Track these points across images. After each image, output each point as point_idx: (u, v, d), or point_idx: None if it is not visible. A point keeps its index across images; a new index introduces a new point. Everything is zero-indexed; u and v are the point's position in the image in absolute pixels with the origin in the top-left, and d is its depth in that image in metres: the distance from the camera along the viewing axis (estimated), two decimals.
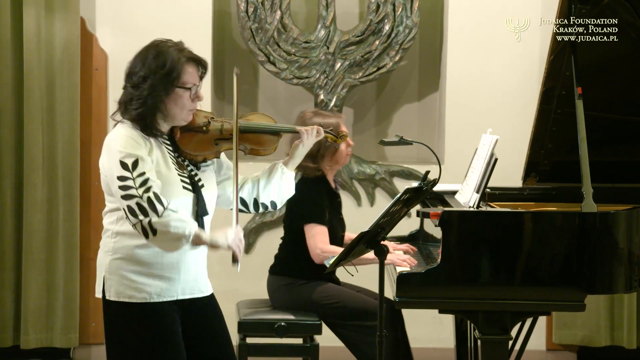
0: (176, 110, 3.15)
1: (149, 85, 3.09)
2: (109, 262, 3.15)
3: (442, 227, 3.59)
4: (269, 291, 4.49)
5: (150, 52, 3.13)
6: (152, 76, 3.10)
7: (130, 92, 3.13)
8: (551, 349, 5.76)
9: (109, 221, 3.18)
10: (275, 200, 3.40)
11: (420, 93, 6.03)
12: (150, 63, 3.11)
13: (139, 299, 3.12)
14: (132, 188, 3.02)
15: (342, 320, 4.36)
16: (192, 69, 3.16)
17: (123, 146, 3.07)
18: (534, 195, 4.45)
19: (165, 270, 3.15)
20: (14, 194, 5.47)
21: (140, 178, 3.04)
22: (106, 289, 3.15)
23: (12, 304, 5.50)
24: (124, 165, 3.04)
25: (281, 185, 3.37)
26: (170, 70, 3.11)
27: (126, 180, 3.03)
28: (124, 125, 3.15)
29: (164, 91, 3.11)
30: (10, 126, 5.44)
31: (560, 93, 4.15)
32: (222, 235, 3.12)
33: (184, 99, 3.14)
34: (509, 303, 3.59)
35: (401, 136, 3.77)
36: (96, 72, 5.63)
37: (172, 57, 3.12)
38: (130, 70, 3.16)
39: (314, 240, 4.29)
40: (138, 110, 3.10)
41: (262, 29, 5.68)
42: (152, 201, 3.03)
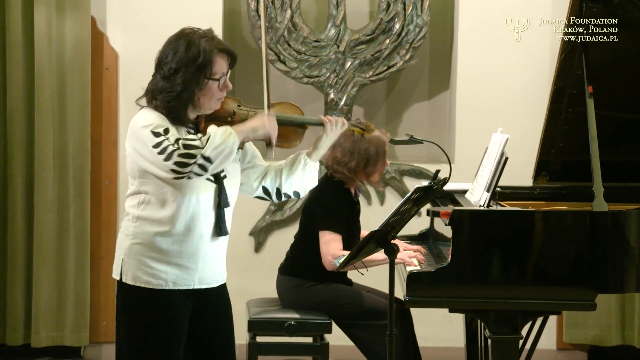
0: (205, 100, 3.15)
1: (182, 79, 3.10)
2: (128, 246, 3.17)
3: (452, 226, 3.59)
4: (279, 291, 4.49)
5: (181, 43, 3.12)
6: (184, 69, 3.10)
7: (161, 83, 3.13)
8: (562, 349, 5.75)
9: (131, 204, 3.20)
10: (299, 190, 3.37)
11: (431, 92, 6.03)
12: (182, 55, 3.10)
13: (155, 285, 3.15)
14: (169, 146, 3.02)
15: (352, 320, 4.35)
16: (222, 59, 3.16)
17: (150, 120, 3.08)
18: (545, 195, 4.44)
19: (184, 258, 3.17)
20: (25, 193, 5.49)
21: (173, 137, 3.04)
22: (123, 272, 3.18)
23: (23, 303, 5.52)
24: (155, 133, 3.05)
25: (304, 176, 3.34)
26: (202, 63, 3.10)
27: (162, 144, 3.03)
28: (148, 109, 3.16)
29: (197, 84, 3.11)
30: (21, 125, 5.46)
31: (571, 92, 4.14)
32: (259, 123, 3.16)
33: (213, 89, 3.14)
34: (520, 302, 3.58)
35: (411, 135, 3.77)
36: (107, 71, 5.64)
37: (203, 49, 3.11)
38: (160, 59, 3.15)
39: (327, 246, 4.28)
40: (170, 103, 3.11)
41: (272, 28, 5.68)
42: (188, 144, 3.02)
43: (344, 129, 3.36)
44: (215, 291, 3.29)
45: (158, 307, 3.16)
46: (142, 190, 3.15)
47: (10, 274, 5.50)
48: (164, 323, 3.17)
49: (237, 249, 5.72)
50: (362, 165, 4.31)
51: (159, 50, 3.17)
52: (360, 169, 4.31)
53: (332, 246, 4.26)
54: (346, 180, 4.34)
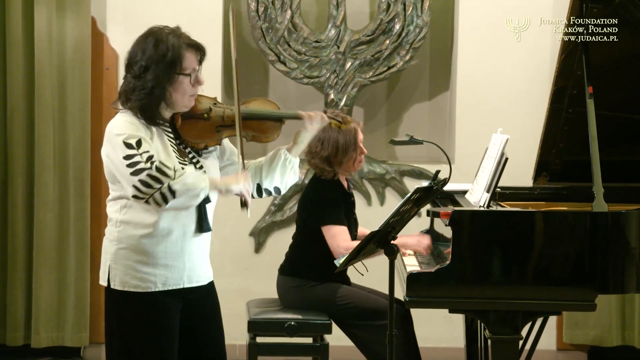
0: (177, 96, 3.15)
1: (153, 76, 3.10)
2: (114, 251, 3.17)
3: (452, 226, 3.59)
4: (279, 292, 4.49)
5: (149, 41, 3.14)
6: (154, 66, 3.11)
7: (132, 83, 3.13)
8: (562, 349, 5.75)
9: (113, 210, 3.21)
10: (279, 186, 3.37)
11: (431, 92, 6.03)
12: (150, 52, 3.11)
13: (144, 289, 3.15)
14: (140, 162, 3.04)
15: (353, 320, 4.35)
16: (191, 54, 3.16)
17: (122, 129, 3.10)
18: (545, 195, 4.44)
19: (170, 258, 3.17)
20: (25, 192, 5.49)
21: (145, 154, 3.05)
22: (111, 278, 3.17)
23: (23, 303, 5.52)
24: (128, 145, 3.06)
25: (285, 171, 3.35)
26: (172, 59, 3.11)
27: (133, 158, 3.05)
28: (124, 113, 3.17)
29: (168, 80, 3.11)
30: (21, 125, 5.46)
31: (571, 92, 4.14)
32: (233, 180, 3.14)
33: (185, 85, 3.15)
34: (520, 303, 3.58)
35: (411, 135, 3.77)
36: (107, 72, 5.64)
37: (171, 45, 3.12)
38: (129, 59, 3.16)
39: (335, 240, 4.28)
40: (142, 101, 3.12)
41: (272, 29, 5.68)
42: (161, 168, 3.04)
43: (323, 124, 3.37)
44: (203, 289, 3.28)
45: (148, 310, 3.16)
46: (123, 195, 3.16)
47: (11, 274, 5.50)
48: (156, 325, 3.17)
49: (237, 250, 5.73)
50: (332, 153, 4.32)
51: (128, 50, 3.19)
52: (331, 157, 4.33)
53: (340, 238, 4.27)
54: (322, 171, 4.35)
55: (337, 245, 4.27)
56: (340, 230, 4.29)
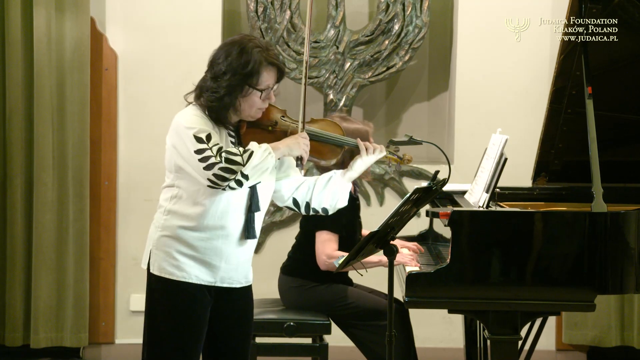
0: (245, 107, 3.22)
1: (227, 84, 3.17)
2: (157, 237, 3.26)
3: (451, 226, 3.59)
4: (280, 291, 4.49)
5: (235, 48, 3.20)
6: (232, 73, 3.17)
7: (209, 82, 3.20)
8: (561, 349, 5.75)
9: (164, 197, 3.28)
10: (327, 207, 3.44)
11: (430, 93, 6.03)
12: (232, 59, 3.18)
13: (179, 277, 3.23)
14: (212, 157, 3.10)
15: (354, 321, 4.35)
16: (271, 73, 3.22)
17: (193, 123, 3.16)
18: (544, 195, 4.44)
19: (208, 255, 3.24)
20: (25, 193, 5.49)
21: (215, 147, 3.12)
22: (151, 263, 3.27)
23: (22, 304, 5.52)
24: (198, 139, 3.12)
25: (335, 194, 3.42)
26: (249, 72, 3.17)
27: (204, 152, 3.11)
28: (193, 107, 3.24)
29: (240, 90, 3.18)
30: (20, 126, 5.46)
31: (570, 93, 4.14)
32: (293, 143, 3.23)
33: (254, 98, 3.21)
34: (519, 303, 3.58)
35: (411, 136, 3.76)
36: (106, 72, 5.64)
37: (254, 59, 3.18)
38: (213, 59, 3.23)
39: (322, 246, 4.29)
40: (212, 103, 3.19)
41: (271, 29, 5.68)
42: (230, 158, 3.10)
43: (380, 156, 3.45)
44: (238, 291, 3.36)
45: (180, 299, 3.24)
46: (175, 185, 3.24)
47: (10, 274, 5.50)
48: (186, 314, 3.24)
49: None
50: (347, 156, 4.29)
51: (215, 48, 3.25)
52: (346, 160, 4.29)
53: (327, 246, 4.27)
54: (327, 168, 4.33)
55: (322, 251, 4.27)
56: (330, 238, 4.29)
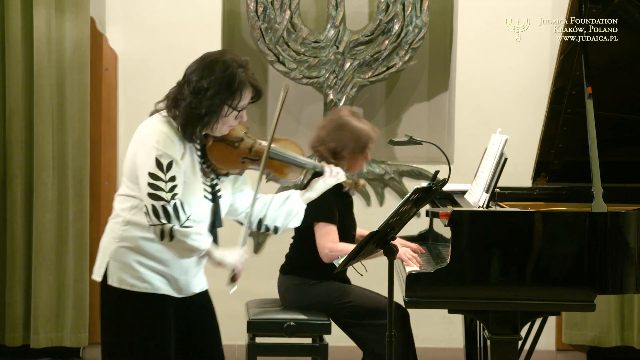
0: (219, 125, 3.18)
1: (209, 102, 3.11)
2: (114, 248, 3.18)
3: (451, 226, 3.59)
4: (280, 291, 4.49)
5: (219, 66, 3.14)
6: (215, 92, 3.12)
7: (188, 96, 3.13)
8: (561, 349, 5.75)
9: (122, 207, 3.21)
10: (279, 226, 3.44)
11: (430, 93, 6.03)
12: (217, 78, 3.12)
13: (140, 289, 3.17)
14: (162, 190, 3.06)
15: (353, 320, 4.35)
16: (249, 94, 3.20)
17: (161, 143, 3.09)
18: (544, 195, 4.44)
19: (169, 267, 3.20)
20: (24, 193, 5.49)
21: (170, 183, 3.07)
22: (108, 275, 3.19)
23: (22, 304, 5.52)
24: (159, 164, 3.07)
25: (290, 215, 3.42)
26: (233, 92, 3.13)
27: (158, 181, 3.06)
28: (162, 120, 3.16)
29: (220, 110, 3.14)
30: (20, 126, 5.45)
31: (570, 93, 4.14)
32: (230, 256, 3.20)
33: (230, 118, 3.18)
34: (519, 303, 3.58)
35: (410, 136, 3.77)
36: (106, 72, 5.64)
37: (239, 79, 3.14)
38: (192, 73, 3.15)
39: (323, 239, 4.29)
40: (187, 117, 3.12)
41: (271, 29, 5.68)
42: (178, 209, 3.08)
43: (339, 180, 3.48)
44: (197, 296, 3.31)
45: (144, 310, 3.18)
46: (137, 196, 3.16)
47: (10, 274, 5.50)
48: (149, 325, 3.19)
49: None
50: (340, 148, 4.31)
51: (194, 62, 3.18)
52: (337, 150, 4.31)
53: (327, 238, 4.27)
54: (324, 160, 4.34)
55: (323, 244, 4.27)
56: (330, 230, 4.29)
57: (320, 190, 3.46)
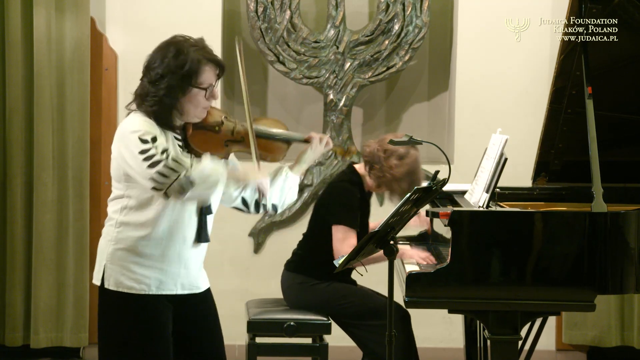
0: (190, 107, 3.17)
1: (167, 85, 3.12)
2: (111, 251, 3.18)
3: (451, 227, 3.59)
4: (283, 287, 4.49)
5: (170, 50, 3.15)
6: (170, 75, 3.12)
7: (147, 87, 3.15)
8: (561, 349, 5.75)
9: (114, 209, 3.21)
10: (277, 204, 3.40)
11: (430, 93, 6.03)
12: (169, 61, 3.12)
13: (138, 290, 3.16)
14: (156, 155, 3.04)
15: (354, 320, 4.35)
16: (210, 69, 3.17)
17: (139, 127, 3.10)
18: (544, 195, 4.44)
19: (166, 262, 3.17)
20: (24, 193, 5.49)
21: (161, 146, 3.06)
22: (105, 278, 3.19)
23: (22, 303, 5.52)
24: (143, 140, 3.07)
25: (284, 189, 3.38)
26: (188, 71, 3.12)
27: (148, 151, 3.05)
28: (138, 114, 3.18)
29: (181, 91, 3.13)
30: (20, 126, 5.46)
31: (570, 93, 4.14)
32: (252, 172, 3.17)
33: (199, 97, 3.16)
34: (519, 303, 3.58)
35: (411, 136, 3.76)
36: (106, 72, 5.64)
37: (191, 58, 3.13)
38: (148, 64, 3.18)
39: (340, 243, 4.27)
40: (154, 107, 3.13)
41: (271, 29, 5.68)
42: (177, 160, 3.05)
43: (328, 148, 3.43)
44: (198, 296, 3.28)
45: (142, 313, 3.17)
46: (125, 195, 3.16)
47: (10, 274, 5.50)
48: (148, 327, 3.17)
49: (236, 250, 5.72)
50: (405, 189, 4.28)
51: (148, 54, 3.20)
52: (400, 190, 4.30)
53: (346, 244, 4.25)
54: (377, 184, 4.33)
55: (340, 249, 4.26)
56: (350, 235, 4.28)
57: (310, 161, 3.41)
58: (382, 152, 4.33)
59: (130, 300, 3.16)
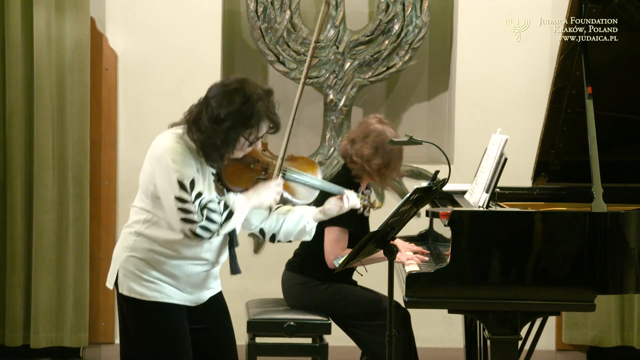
0: (233, 151, 3.19)
1: (226, 135, 3.11)
2: (125, 257, 3.19)
3: (451, 227, 3.59)
4: (283, 287, 4.49)
5: (239, 96, 3.13)
6: (232, 123, 3.11)
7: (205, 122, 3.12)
8: (561, 349, 5.75)
9: (137, 219, 3.22)
10: (292, 240, 3.52)
11: (430, 93, 6.03)
12: (236, 109, 3.11)
13: (150, 298, 3.18)
14: (192, 213, 3.07)
15: (355, 320, 4.35)
16: (266, 126, 3.19)
17: (177, 163, 3.09)
18: (544, 195, 4.44)
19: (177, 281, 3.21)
20: (24, 193, 5.49)
21: (197, 200, 3.09)
22: (119, 283, 3.21)
23: (22, 304, 5.52)
24: (182, 185, 3.07)
25: (304, 232, 3.48)
26: (249, 125, 3.13)
27: (185, 204, 3.08)
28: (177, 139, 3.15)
29: (236, 140, 3.14)
30: (20, 126, 5.46)
31: (570, 93, 4.14)
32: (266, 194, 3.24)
33: (245, 146, 3.19)
34: (519, 303, 3.58)
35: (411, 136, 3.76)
36: (106, 72, 5.64)
37: (257, 113, 3.13)
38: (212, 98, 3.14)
39: (332, 245, 4.27)
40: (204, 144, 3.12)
41: (271, 29, 5.68)
42: (211, 218, 3.10)
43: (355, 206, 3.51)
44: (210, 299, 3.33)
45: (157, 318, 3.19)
46: (151, 211, 3.18)
47: (10, 274, 5.50)
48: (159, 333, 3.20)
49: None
50: (382, 165, 4.30)
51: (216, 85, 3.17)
52: (379, 168, 4.30)
53: (337, 245, 4.25)
54: (361, 174, 4.32)
55: (331, 251, 4.26)
56: (341, 237, 4.28)
57: (332, 215, 3.51)
58: (349, 143, 4.34)
59: (142, 306, 3.19)
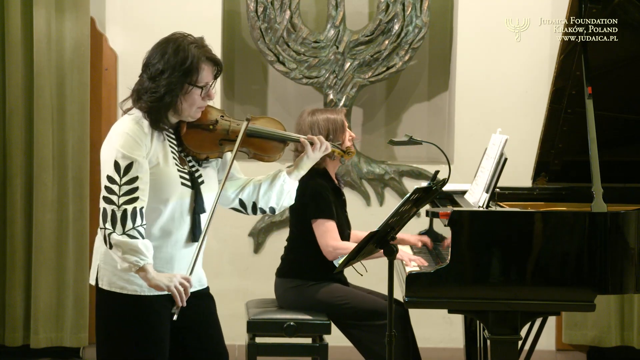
0: (185, 106, 3.16)
1: (166, 82, 3.11)
2: (104, 251, 3.16)
3: (451, 227, 3.59)
4: (277, 295, 4.48)
5: (170, 46, 3.15)
6: (170, 72, 3.12)
7: (146, 83, 3.15)
8: (561, 349, 5.75)
9: None
10: (274, 207, 3.41)
11: (430, 93, 6.03)
12: (169, 58, 3.12)
13: (130, 291, 3.15)
14: (115, 195, 3.05)
15: (352, 321, 4.35)
16: (209, 68, 3.17)
17: (122, 145, 3.09)
18: (544, 195, 4.44)
19: (158, 265, 3.15)
20: (25, 193, 5.49)
21: (127, 186, 3.06)
22: (99, 277, 3.18)
23: (22, 304, 5.52)
24: (117, 166, 3.07)
25: (282, 193, 3.39)
26: (188, 68, 3.12)
27: (113, 184, 3.06)
28: (130, 119, 3.16)
29: (180, 88, 3.13)
30: (20, 126, 5.46)
31: (570, 93, 4.14)
32: (166, 278, 3.10)
33: (195, 96, 3.16)
34: (519, 303, 3.58)
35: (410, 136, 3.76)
36: (106, 72, 5.64)
37: (192, 55, 3.13)
38: (148, 60, 3.18)
39: (324, 237, 4.28)
40: (152, 104, 3.13)
41: (271, 29, 5.68)
42: (126, 216, 3.04)
43: (326, 152, 3.43)
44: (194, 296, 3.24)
45: (134, 313, 3.16)
46: None
47: (10, 274, 5.50)
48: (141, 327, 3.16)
49: (236, 250, 5.72)
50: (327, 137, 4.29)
51: (148, 51, 3.20)
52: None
53: (329, 236, 4.27)
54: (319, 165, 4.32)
55: (326, 243, 4.27)
56: (330, 227, 4.28)
57: (307, 166, 3.41)
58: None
59: (123, 300, 3.15)
